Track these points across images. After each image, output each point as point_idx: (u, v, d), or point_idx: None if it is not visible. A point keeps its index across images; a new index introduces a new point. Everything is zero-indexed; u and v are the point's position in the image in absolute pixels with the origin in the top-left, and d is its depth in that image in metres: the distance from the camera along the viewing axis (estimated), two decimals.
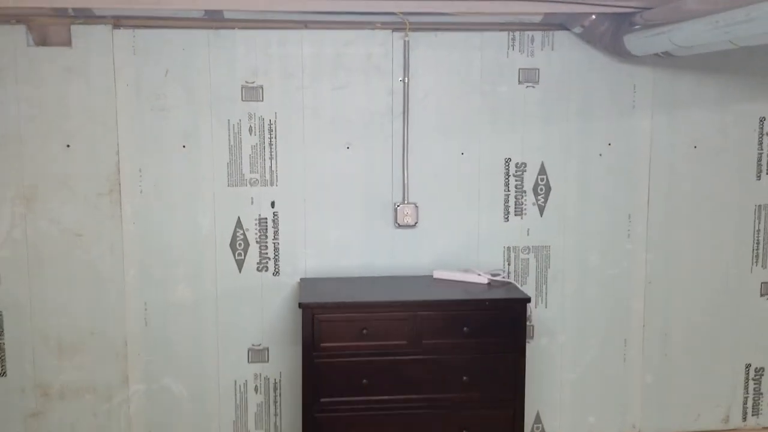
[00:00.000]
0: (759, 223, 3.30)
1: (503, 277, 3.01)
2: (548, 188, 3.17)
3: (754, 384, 3.39)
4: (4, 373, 3.02)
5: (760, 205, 3.29)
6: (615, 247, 3.23)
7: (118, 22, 2.88)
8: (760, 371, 3.39)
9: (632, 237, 3.23)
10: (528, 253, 3.20)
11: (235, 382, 3.13)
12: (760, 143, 3.25)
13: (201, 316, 3.07)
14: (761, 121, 3.23)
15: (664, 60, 3.09)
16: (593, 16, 2.89)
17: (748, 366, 3.38)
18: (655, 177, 3.21)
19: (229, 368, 3.11)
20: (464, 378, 2.69)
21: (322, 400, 2.66)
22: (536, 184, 3.17)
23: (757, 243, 3.31)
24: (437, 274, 3.04)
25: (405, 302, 2.68)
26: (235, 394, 3.14)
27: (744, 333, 3.34)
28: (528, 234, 3.19)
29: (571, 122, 3.14)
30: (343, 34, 2.99)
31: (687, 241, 3.26)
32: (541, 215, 3.19)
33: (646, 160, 3.20)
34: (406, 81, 3.03)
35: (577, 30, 2.99)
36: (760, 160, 3.26)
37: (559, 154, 3.16)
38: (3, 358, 3.01)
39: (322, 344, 2.65)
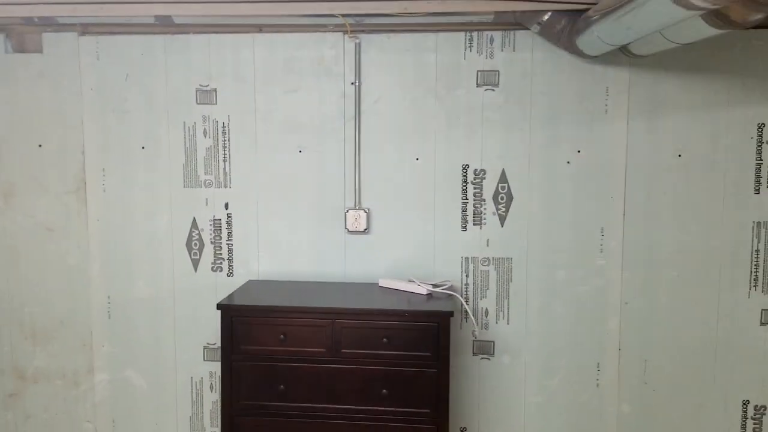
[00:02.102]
0: (758, 242, 2.93)
1: (445, 289, 2.87)
2: (510, 197, 2.99)
3: (754, 424, 3.02)
4: None
5: (759, 222, 2.92)
6: (585, 262, 2.99)
7: (85, 29, 3.04)
8: (761, 410, 3.01)
9: (606, 252, 2.98)
10: (488, 265, 3.04)
11: (192, 378, 3.20)
12: (759, 152, 2.89)
13: (159, 312, 3.16)
14: (760, 127, 2.88)
15: (644, 60, 2.84)
16: (548, 14, 2.70)
17: (745, 403, 3.01)
18: (632, 187, 2.94)
19: (186, 365, 3.19)
20: (383, 390, 2.59)
21: (241, 403, 2.66)
22: (497, 192, 3.00)
23: (756, 265, 2.94)
24: (382, 283, 2.95)
25: (323, 309, 2.61)
26: (192, 391, 3.21)
27: (740, 365, 2.98)
28: (488, 245, 3.02)
29: (535, 127, 2.95)
30: (295, 38, 2.98)
31: (670, 260, 2.96)
32: (502, 225, 3.01)
33: (621, 169, 2.94)
34: (358, 84, 2.97)
35: (535, 29, 2.80)
36: (758, 171, 2.90)
37: (522, 161, 2.97)
38: None
39: (240, 347, 2.65)
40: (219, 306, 2.65)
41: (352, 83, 2.98)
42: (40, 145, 3.12)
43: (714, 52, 2.85)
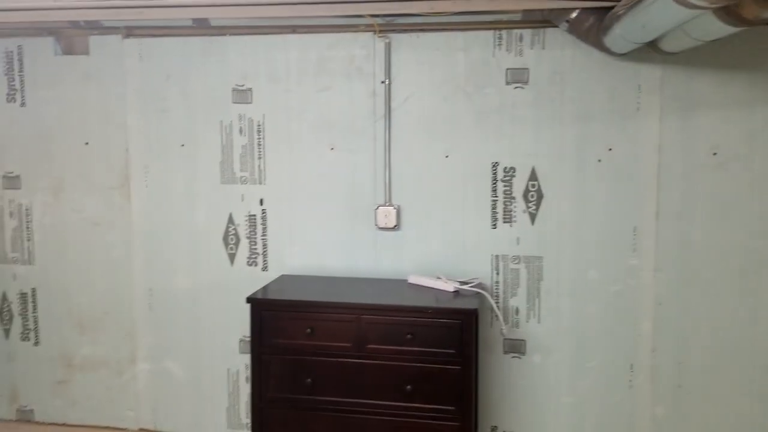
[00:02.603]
0: None
1: (473, 286, 2.87)
2: (540, 195, 2.98)
3: None
4: (38, 342, 3.44)
5: None
6: (618, 261, 2.96)
7: (129, 32, 3.18)
8: None
9: (639, 252, 2.94)
10: (518, 263, 3.03)
11: (228, 370, 3.29)
12: None
13: (198, 305, 3.27)
14: None
15: (676, 57, 2.79)
16: (576, 12, 2.69)
17: None
18: (665, 186, 2.89)
19: (222, 357, 3.29)
20: (408, 387, 2.62)
21: (269, 395, 2.73)
22: (527, 191, 2.99)
23: None
24: (412, 279, 2.98)
25: (349, 305, 2.66)
26: (228, 383, 3.30)
27: None
28: (518, 243, 3.02)
29: (566, 125, 2.93)
30: (327, 38, 3.04)
31: (705, 261, 2.89)
32: (533, 223, 3.00)
33: (653, 167, 2.89)
34: (388, 83, 3.01)
35: (564, 26, 2.78)
36: None
37: (552, 159, 2.96)
38: (37, 329, 3.43)
39: (269, 340, 2.72)
40: (249, 299, 2.73)
41: (382, 82, 3.02)
42: (87, 143, 3.27)
43: (750, 49, 2.78)
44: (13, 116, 3.31)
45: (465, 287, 2.86)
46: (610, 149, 2.91)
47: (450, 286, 2.84)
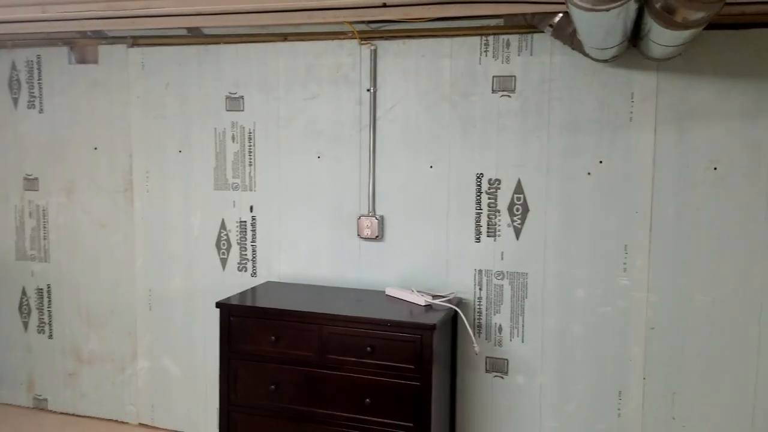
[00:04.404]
0: None
1: (445, 301, 2.78)
2: (526, 208, 2.85)
3: None
4: (51, 335, 3.63)
5: None
6: (607, 281, 2.78)
7: (135, 41, 3.30)
8: None
9: (630, 272, 2.75)
10: (502, 279, 2.91)
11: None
12: None
13: (192, 307, 3.35)
14: None
15: (673, 64, 2.60)
16: (559, 16, 2.56)
17: None
18: (659, 202, 2.69)
19: (215, 358, 3.33)
20: (367, 400, 2.57)
21: (237, 399, 2.76)
22: (512, 204, 2.87)
23: None
24: (389, 291, 2.93)
25: (310, 314, 2.64)
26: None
27: None
28: (502, 258, 2.90)
29: (553, 136, 2.79)
30: (315, 46, 3.04)
31: (703, 284, 2.67)
32: (518, 238, 2.87)
33: (647, 181, 2.70)
34: (373, 91, 2.97)
35: (548, 31, 2.65)
36: None
37: (539, 171, 2.82)
38: (51, 323, 3.62)
39: (236, 346, 2.74)
40: (218, 304, 2.76)
41: (368, 90, 2.98)
42: (95, 148, 3.42)
43: (755, 53, 2.54)
44: (33, 122, 3.51)
45: (437, 302, 2.77)
46: (601, 162, 2.75)
47: (422, 300, 2.76)
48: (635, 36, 2.29)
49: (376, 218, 3.01)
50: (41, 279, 3.61)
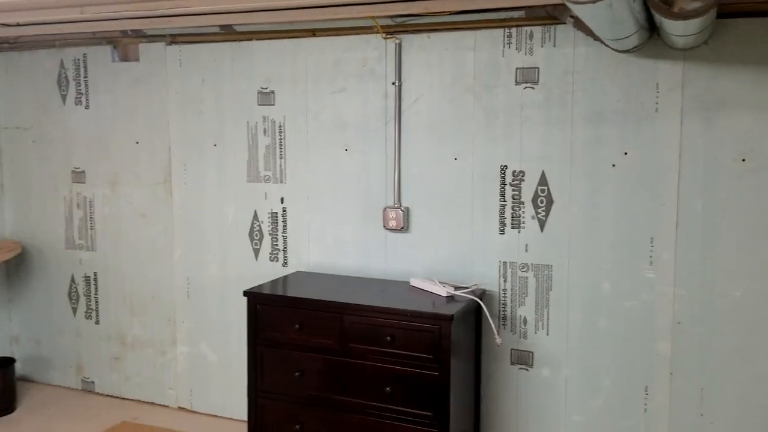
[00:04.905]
0: None
1: (467, 292, 2.80)
2: (550, 200, 2.84)
3: None
4: (98, 321, 3.81)
5: None
6: (633, 274, 2.75)
7: (173, 39, 3.42)
8: None
9: (656, 265, 2.71)
10: (526, 271, 2.91)
11: None
12: None
13: (226, 295, 3.46)
14: None
15: (700, 53, 2.55)
16: None
17: None
18: (686, 194, 2.64)
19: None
20: (387, 388, 2.62)
21: (262, 385, 2.85)
22: (536, 195, 2.86)
23: None
24: (413, 282, 2.96)
25: (332, 303, 2.70)
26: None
27: None
28: (526, 250, 2.90)
29: (577, 127, 2.76)
30: (343, 40, 3.09)
31: (731, 278, 2.61)
32: (542, 230, 2.87)
33: (673, 173, 2.65)
34: (399, 84, 3.01)
35: (570, 22, 2.63)
36: None
37: (563, 163, 2.80)
38: (97, 309, 3.81)
39: (263, 333, 2.83)
40: (245, 293, 2.86)
41: (393, 83, 3.02)
42: (137, 142, 3.57)
43: None
44: (80, 118, 3.69)
45: (458, 293, 2.79)
46: (626, 153, 2.71)
47: (444, 291, 2.79)
48: (653, 26, 2.26)
49: (402, 210, 3.04)
50: (88, 267, 3.79)
